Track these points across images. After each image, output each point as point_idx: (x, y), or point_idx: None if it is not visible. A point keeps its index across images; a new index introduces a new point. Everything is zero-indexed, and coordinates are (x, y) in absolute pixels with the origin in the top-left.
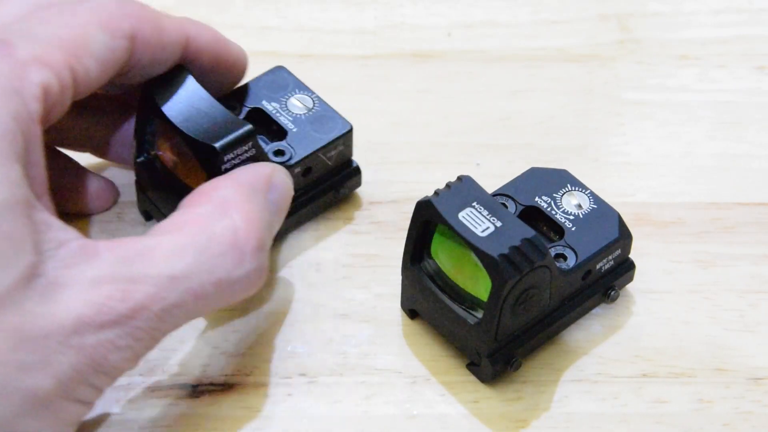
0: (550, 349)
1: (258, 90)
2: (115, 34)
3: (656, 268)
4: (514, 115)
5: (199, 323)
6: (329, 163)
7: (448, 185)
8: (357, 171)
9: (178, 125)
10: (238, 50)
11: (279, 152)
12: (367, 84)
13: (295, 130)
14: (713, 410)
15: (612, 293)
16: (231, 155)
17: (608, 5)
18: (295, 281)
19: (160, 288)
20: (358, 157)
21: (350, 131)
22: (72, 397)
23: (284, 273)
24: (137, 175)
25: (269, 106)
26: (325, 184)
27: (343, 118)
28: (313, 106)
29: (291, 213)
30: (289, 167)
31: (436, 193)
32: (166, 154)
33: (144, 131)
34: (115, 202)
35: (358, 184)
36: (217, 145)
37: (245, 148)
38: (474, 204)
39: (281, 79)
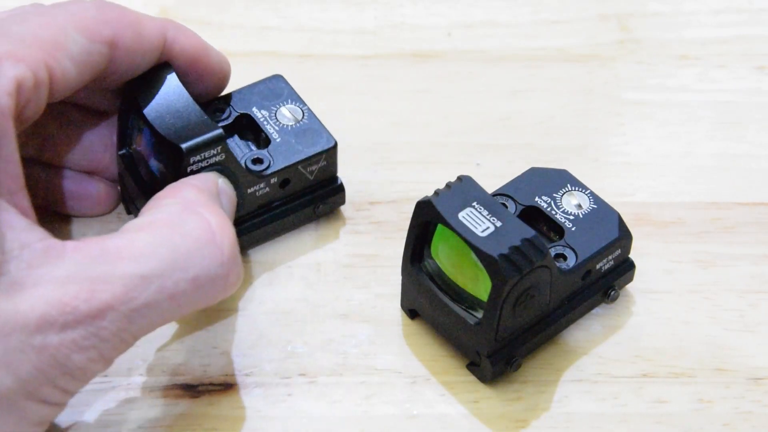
0: (550, 349)
1: (252, 96)
2: (93, 39)
3: (656, 268)
4: (514, 115)
5: (200, 323)
6: (310, 177)
7: (448, 185)
8: (340, 188)
9: (151, 121)
10: (219, 58)
11: (257, 160)
12: (367, 84)
13: (278, 140)
14: (713, 410)
15: (612, 293)
16: (197, 158)
17: (608, 5)
18: (295, 281)
19: (130, 288)
20: (358, 156)
21: (334, 147)
22: (36, 397)
23: (284, 273)
24: (119, 167)
25: (258, 114)
26: (305, 198)
27: (329, 134)
28: (302, 118)
29: (267, 222)
30: (265, 176)
31: (436, 193)
32: (144, 149)
33: (126, 125)
34: (117, 204)
35: (341, 201)
36: (184, 146)
37: (213, 152)
38: (474, 204)
39: (278, 88)
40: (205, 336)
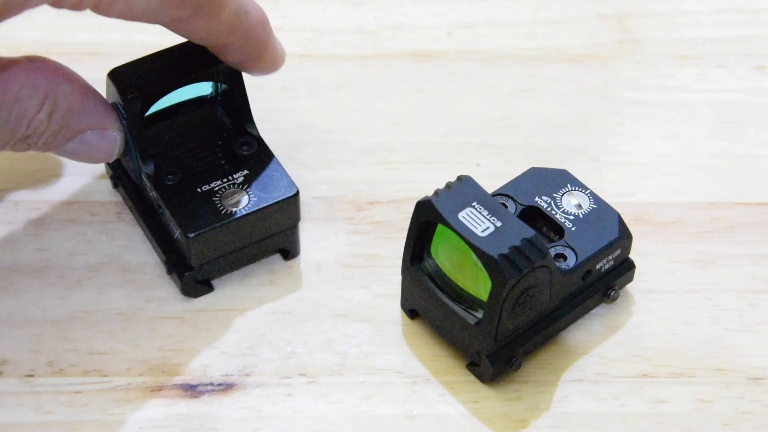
0: (550, 349)
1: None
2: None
3: (656, 268)
4: (514, 115)
5: (199, 323)
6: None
7: (448, 185)
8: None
9: (150, 55)
10: (273, 57)
11: (170, 172)
12: (367, 84)
13: (241, 179)
14: (713, 410)
15: (612, 293)
16: (111, 99)
17: (608, 5)
18: (295, 281)
19: None
20: (358, 156)
21: (192, 237)
22: None
23: (284, 273)
24: None
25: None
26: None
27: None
28: (247, 203)
29: (148, 216)
30: (183, 182)
31: (436, 193)
32: None
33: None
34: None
35: (191, 293)
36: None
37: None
38: (474, 204)
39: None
40: (205, 336)
